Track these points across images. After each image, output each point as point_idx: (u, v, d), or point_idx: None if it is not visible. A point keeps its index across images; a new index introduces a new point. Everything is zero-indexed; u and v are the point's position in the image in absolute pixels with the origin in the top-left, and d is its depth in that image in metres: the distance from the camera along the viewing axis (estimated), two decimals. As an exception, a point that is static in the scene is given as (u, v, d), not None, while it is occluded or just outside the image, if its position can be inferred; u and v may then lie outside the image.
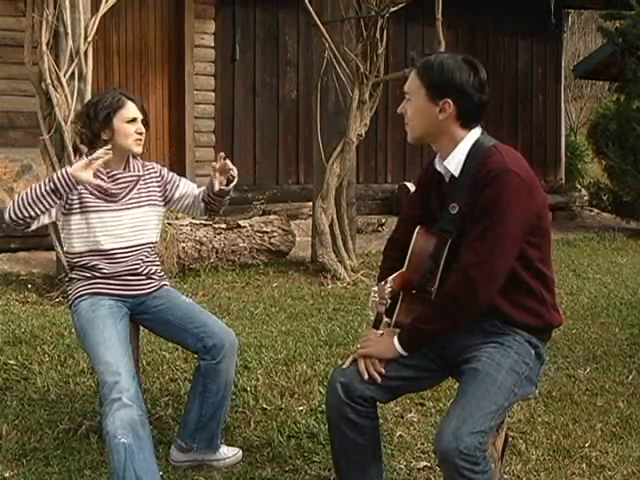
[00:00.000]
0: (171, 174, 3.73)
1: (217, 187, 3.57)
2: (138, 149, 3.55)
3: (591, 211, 12.90)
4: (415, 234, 2.84)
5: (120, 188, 3.53)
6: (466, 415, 2.52)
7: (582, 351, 5.20)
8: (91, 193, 3.46)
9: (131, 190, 3.55)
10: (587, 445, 3.75)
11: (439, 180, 2.86)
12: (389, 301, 2.83)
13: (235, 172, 3.59)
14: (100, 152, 3.37)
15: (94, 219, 3.46)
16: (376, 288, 2.86)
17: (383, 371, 2.77)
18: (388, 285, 2.82)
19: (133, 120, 3.52)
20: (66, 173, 3.34)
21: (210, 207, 3.72)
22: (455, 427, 2.48)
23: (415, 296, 2.83)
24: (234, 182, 3.63)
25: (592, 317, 6.14)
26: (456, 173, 2.76)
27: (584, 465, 3.57)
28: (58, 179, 3.33)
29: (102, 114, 3.48)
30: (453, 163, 2.77)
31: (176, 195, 3.70)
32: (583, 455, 3.66)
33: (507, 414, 2.89)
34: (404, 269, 2.85)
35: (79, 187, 3.38)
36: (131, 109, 3.52)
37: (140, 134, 3.53)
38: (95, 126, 3.50)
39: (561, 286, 7.05)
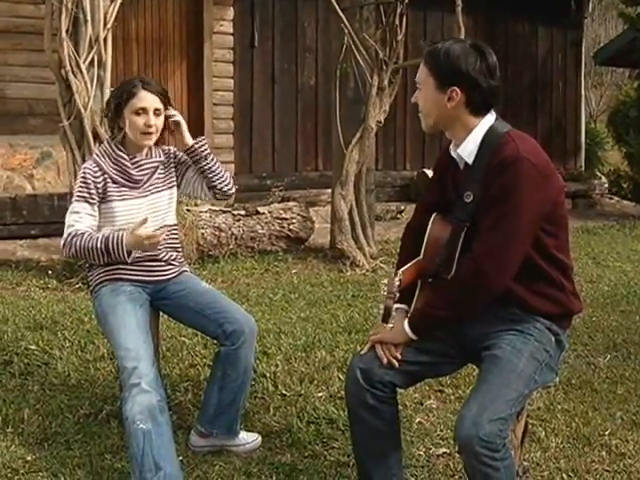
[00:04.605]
0: (185, 156, 3.65)
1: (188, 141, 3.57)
2: (147, 142, 3.46)
3: (611, 199, 12.83)
4: (430, 222, 2.83)
5: (143, 174, 3.51)
6: (487, 402, 2.51)
7: (602, 339, 5.18)
8: (114, 182, 3.44)
9: (152, 176, 3.54)
10: (607, 433, 3.74)
11: (454, 167, 2.83)
12: (397, 295, 2.81)
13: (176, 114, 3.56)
14: (158, 232, 3.30)
15: (119, 207, 3.43)
16: (386, 281, 2.85)
17: (399, 356, 2.77)
18: (397, 279, 2.80)
19: (143, 110, 3.40)
20: (121, 242, 3.26)
21: (208, 183, 3.62)
22: (475, 414, 2.48)
23: (433, 284, 2.83)
24: (194, 143, 3.58)
25: (612, 305, 6.11)
26: (470, 160, 2.73)
27: (604, 453, 3.56)
28: (113, 248, 3.27)
29: (113, 103, 3.46)
30: (467, 150, 2.74)
31: (188, 173, 3.64)
32: (603, 443, 3.64)
33: (527, 401, 2.89)
34: (420, 257, 2.84)
35: (129, 258, 3.32)
36: (141, 99, 3.40)
37: (149, 127, 3.41)
38: (112, 114, 3.49)
39: (581, 274, 7.01)
